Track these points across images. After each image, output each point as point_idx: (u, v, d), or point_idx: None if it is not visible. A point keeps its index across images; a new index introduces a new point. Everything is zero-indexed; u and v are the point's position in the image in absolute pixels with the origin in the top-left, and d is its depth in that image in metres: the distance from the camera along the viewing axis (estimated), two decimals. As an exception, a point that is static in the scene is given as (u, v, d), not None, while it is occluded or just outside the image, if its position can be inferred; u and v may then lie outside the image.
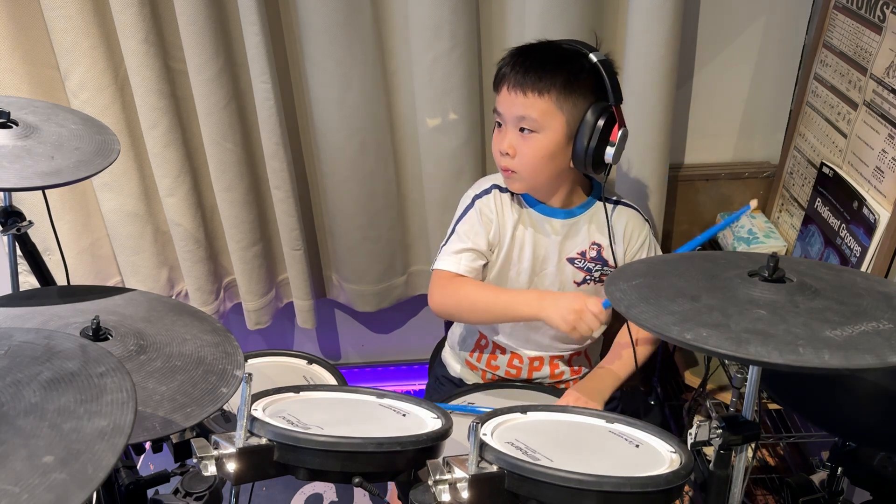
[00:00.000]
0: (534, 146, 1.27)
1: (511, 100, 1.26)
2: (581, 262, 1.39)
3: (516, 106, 1.25)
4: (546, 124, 1.25)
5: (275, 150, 1.64)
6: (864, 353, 0.76)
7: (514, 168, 1.30)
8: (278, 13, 1.58)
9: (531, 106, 1.24)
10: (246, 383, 0.93)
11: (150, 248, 1.80)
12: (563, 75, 1.23)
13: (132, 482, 1.13)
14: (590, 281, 1.41)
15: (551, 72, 1.23)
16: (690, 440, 0.98)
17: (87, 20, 1.52)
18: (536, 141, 1.26)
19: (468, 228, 1.39)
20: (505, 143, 1.28)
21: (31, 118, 1.20)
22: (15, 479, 0.58)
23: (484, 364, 1.52)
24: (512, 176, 1.31)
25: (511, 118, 1.27)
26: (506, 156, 1.29)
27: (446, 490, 0.87)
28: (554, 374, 1.49)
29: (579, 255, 1.39)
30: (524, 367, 1.49)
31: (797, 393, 1.20)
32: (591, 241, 1.38)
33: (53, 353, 0.74)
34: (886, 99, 1.34)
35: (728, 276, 0.91)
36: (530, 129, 1.26)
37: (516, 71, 1.25)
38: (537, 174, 1.30)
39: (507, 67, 1.27)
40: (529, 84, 1.23)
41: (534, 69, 1.23)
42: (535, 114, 1.24)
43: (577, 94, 1.24)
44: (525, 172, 1.30)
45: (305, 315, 1.91)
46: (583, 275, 1.40)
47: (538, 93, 1.23)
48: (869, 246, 1.36)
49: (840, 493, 1.25)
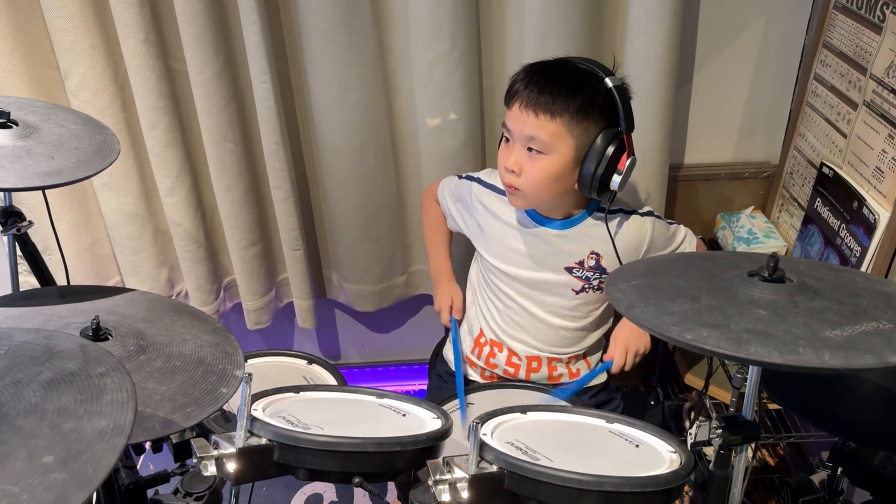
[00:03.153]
0: (540, 167, 1.26)
1: (522, 119, 1.24)
2: (579, 271, 1.39)
3: (527, 126, 1.24)
4: (555, 147, 1.24)
5: (275, 150, 1.64)
6: (865, 354, 0.76)
7: (518, 186, 1.29)
8: (278, 13, 1.58)
9: (542, 128, 1.23)
10: (246, 383, 0.93)
11: (150, 248, 1.80)
12: (577, 100, 1.21)
13: (132, 482, 1.13)
14: (588, 289, 1.41)
15: (566, 96, 1.21)
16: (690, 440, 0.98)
17: (87, 20, 1.52)
18: (543, 162, 1.25)
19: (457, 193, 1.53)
20: (511, 161, 1.27)
21: (30, 118, 1.20)
22: (15, 479, 0.58)
23: (483, 361, 1.52)
24: (515, 193, 1.31)
25: (520, 136, 1.26)
26: (511, 173, 1.28)
27: (446, 490, 0.87)
28: (552, 375, 1.49)
29: (577, 265, 1.39)
30: (522, 366, 1.49)
31: (797, 393, 1.20)
32: (590, 251, 1.38)
33: (53, 353, 0.74)
34: (886, 99, 1.34)
35: (728, 276, 0.91)
36: (538, 150, 1.25)
37: (530, 90, 1.23)
38: (541, 194, 1.30)
39: (521, 84, 1.25)
40: (543, 106, 1.22)
41: (548, 91, 1.22)
42: (544, 136, 1.23)
43: (590, 119, 1.23)
44: (529, 192, 1.29)
45: (305, 315, 1.91)
46: (581, 283, 1.40)
47: (550, 115, 1.22)
48: (869, 246, 1.36)
49: (840, 493, 1.25)
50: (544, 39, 1.50)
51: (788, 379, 1.19)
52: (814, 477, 1.28)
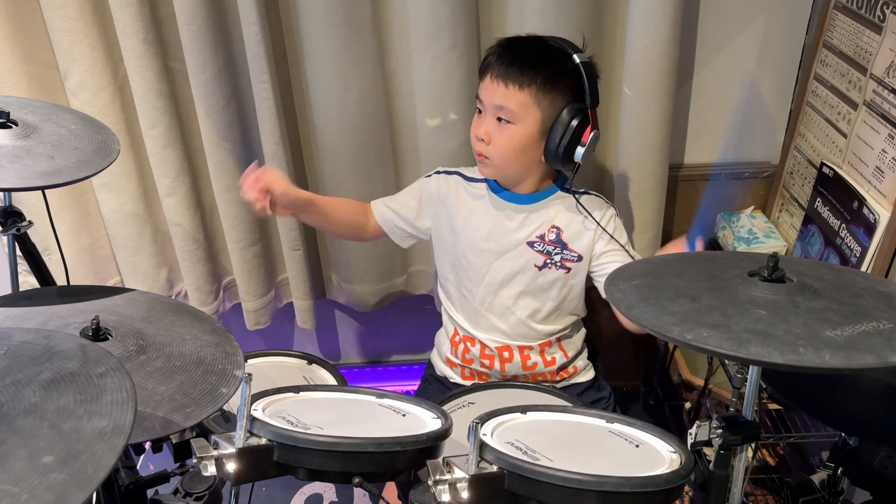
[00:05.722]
0: (508, 136, 1.31)
1: (492, 89, 1.30)
2: (540, 244, 1.42)
3: (496, 95, 1.30)
4: (522, 116, 1.30)
5: (275, 150, 1.64)
6: (865, 353, 0.76)
7: (487, 154, 1.34)
8: (278, 13, 1.58)
9: (510, 97, 1.28)
10: (246, 383, 0.93)
11: (149, 248, 1.80)
12: (544, 72, 1.28)
13: (132, 482, 1.13)
14: (550, 265, 1.42)
15: (534, 67, 1.27)
16: (690, 440, 0.98)
17: (87, 20, 1.52)
18: (511, 131, 1.31)
19: (411, 191, 1.51)
20: (482, 130, 1.33)
21: (30, 118, 1.20)
22: (15, 479, 0.58)
23: (460, 359, 1.53)
24: (484, 161, 1.36)
25: (490, 106, 1.31)
26: (481, 141, 1.34)
27: (446, 490, 0.87)
28: (526, 364, 1.49)
29: (538, 239, 1.42)
30: (496, 358, 1.50)
31: (799, 389, 1.20)
32: (551, 225, 1.41)
33: (53, 353, 0.74)
34: (886, 99, 1.34)
35: (728, 277, 0.91)
36: (507, 119, 1.31)
37: (501, 62, 1.29)
38: (508, 163, 1.35)
39: (493, 57, 1.31)
40: (512, 76, 1.28)
41: (517, 62, 1.28)
42: (512, 105, 1.29)
43: (556, 91, 1.29)
44: (497, 160, 1.34)
45: (305, 315, 1.91)
46: (543, 258, 1.42)
47: (518, 85, 1.28)
48: (869, 246, 1.36)
49: (840, 493, 1.25)
50: (544, 39, 1.51)
51: (790, 376, 1.19)
52: (814, 477, 1.27)
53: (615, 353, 1.62)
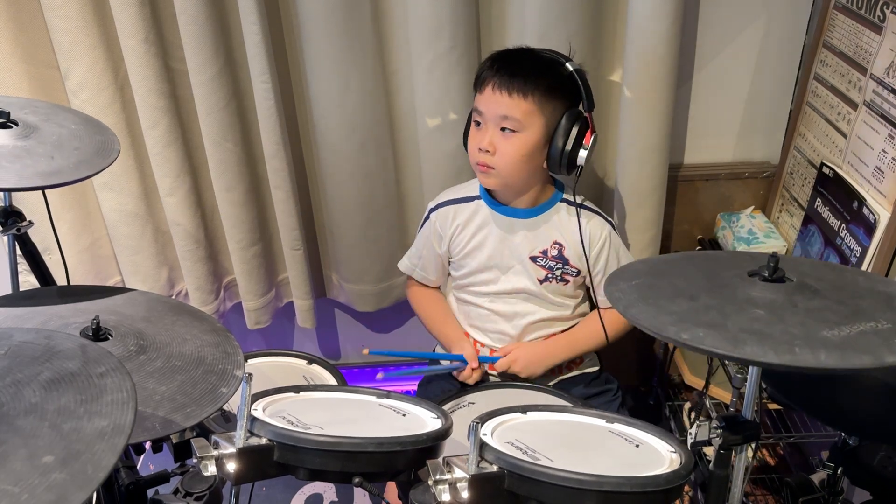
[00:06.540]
0: (515, 144, 1.34)
1: (495, 99, 1.32)
2: (543, 260, 1.45)
3: (500, 106, 1.32)
4: (527, 125, 1.33)
5: (275, 150, 1.64)
6: (861, 354, 0.76)
7: (492, 164, 1.36)
8: (278, 13, 1.58)
9: (515, 106, 1.31)
10: (246, 383, 0.94)
11: (149, 247, 1.80)
12: (545, 81, 1.32)
13: (132, 482, 1.13)
14: (551, 279, 1.46)
15: (535, 77, 1.31)
16: (690, 440, 0.98)
17: (87, 20, 1.52)
18: (517, 140, 1.34)
19: (423, 239, 1.55)
20: (486, 141, 1.35)
21: (31, 118, 1.20)
22: (15, 479, 0.58)
23: None
24: (489, 172, 1.37)
25: (493, 117, 1.34)
26: (485, 153, 1.35)
27: (446, 490, 0.87)
28: None
29: (541, 254, 1.45)
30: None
31: (799, 389, 1.20)
32: (553, 241, 1.45)
33: (53, 353, 0.74)
34: (886, 99, 1.34)
35: (728, 276, 0.91)
36: (512, 128, 1.33)
37: (502, 74, 1.32)
38: (514, 171, 1.37)
39: (491, 71, 1.34)
40: (515, 86, 1.31)
41: (520, 73, 1.31)
42: (518, 114, 1.32)
43: (557, 99, 1.33)
44: (503, 169, 1.36)
45: (305, 315, 1.91)
46: (544, 272, 1.46)
47: (523, 95, 1.31)
48: (869, 246, 1.36)
49: (840, 493, 1.25)
50: (544, 40, 1.50)
51: (790, 375, 1.19)
52: (814, 477, 1.27)
53: (615, 353, 1.62)
